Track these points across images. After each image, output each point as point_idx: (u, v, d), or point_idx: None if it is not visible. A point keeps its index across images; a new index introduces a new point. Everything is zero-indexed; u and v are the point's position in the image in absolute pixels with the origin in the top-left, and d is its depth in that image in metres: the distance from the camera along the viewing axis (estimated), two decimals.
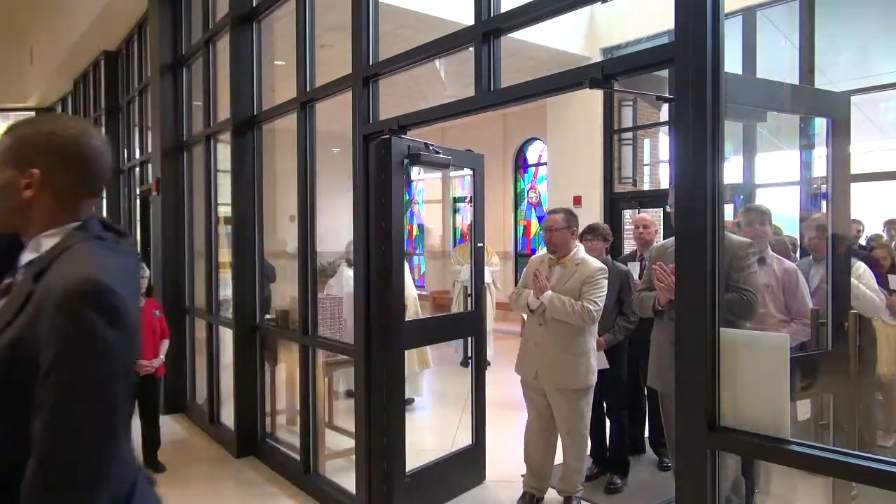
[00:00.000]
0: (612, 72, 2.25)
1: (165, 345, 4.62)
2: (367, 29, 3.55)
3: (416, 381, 5.96)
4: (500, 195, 11.77)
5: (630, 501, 4.01)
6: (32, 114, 11.21)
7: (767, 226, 3.24)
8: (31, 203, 1.26)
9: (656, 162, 8.35)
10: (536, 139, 11.59)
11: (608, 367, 4.08)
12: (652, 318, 3.25)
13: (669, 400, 3.06)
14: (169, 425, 5.61)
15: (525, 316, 3.99)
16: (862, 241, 4.32)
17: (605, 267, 3.73)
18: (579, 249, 3.77)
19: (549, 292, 3.60)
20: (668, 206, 3.04)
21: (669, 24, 2.00)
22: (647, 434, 4.69)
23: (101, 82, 8.35)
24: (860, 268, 3.30)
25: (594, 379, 3.70)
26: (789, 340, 1.93)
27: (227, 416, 5.25)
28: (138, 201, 7.55)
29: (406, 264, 4.17)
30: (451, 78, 7.54)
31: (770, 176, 5.20)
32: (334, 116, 4.63)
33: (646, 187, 7.99)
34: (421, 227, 13.96)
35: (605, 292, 3.66)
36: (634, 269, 4.42)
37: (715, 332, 1.91)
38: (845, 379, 2.74)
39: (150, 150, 6.66)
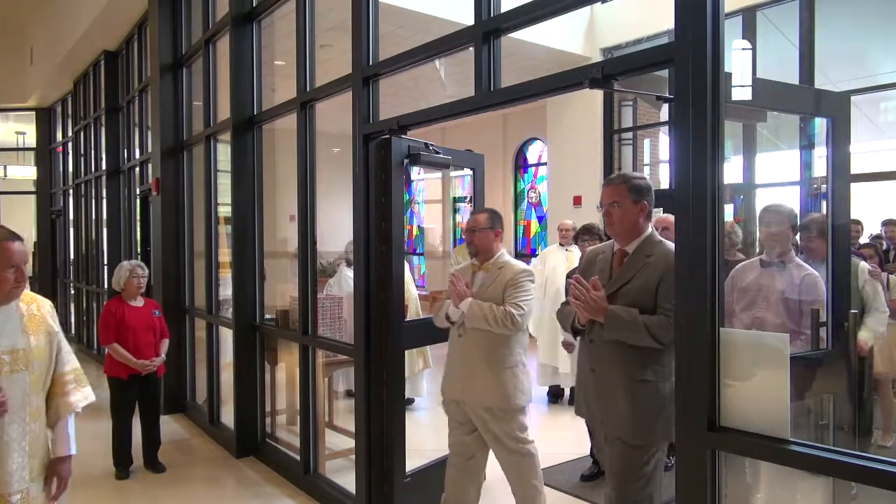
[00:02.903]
0: (612, 72, 2.25)
1: (166, 344, 4.62)
2: (367, 29, 3.55)
3: (416, 381, 5.96)
4: (500, 195, 11.76)
5: None
6: (33, 114, 11.26)
7: (787, 228, 2.90)
8: None
9: (656, 162, 8.36)
10: (536, 139, 11.58)
11: None
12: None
13: (600, 432, 2.70)
14: (169, 425, 5.61)
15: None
16: (862, 241, 4.32)
17: (530, 269, 3.35)
18: (503, 253, 3.40)
19: (469, 299, 3.21)
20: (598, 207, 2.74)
21: (669, 24, 2.00)
22: None
23: (101, 82, 8.35)
24: (865, 268, 3.24)
25: (526, 399, 3.25)
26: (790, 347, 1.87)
27: (227, 416, 5.25)
28: (138, 201, 7.55)
29: (406, 264, 4.17)
30: (450, 78, 7.55)
31: (770, 176, 5.21)
32: (334, 116, 4.64)
33: None
34: (421, 227, 13.96)
35: (532, 295, 3.27)
36: None
37: (715, 332, 1.91)
38: (845, 379, 2.74)
39: (150, 150, 6.66)
